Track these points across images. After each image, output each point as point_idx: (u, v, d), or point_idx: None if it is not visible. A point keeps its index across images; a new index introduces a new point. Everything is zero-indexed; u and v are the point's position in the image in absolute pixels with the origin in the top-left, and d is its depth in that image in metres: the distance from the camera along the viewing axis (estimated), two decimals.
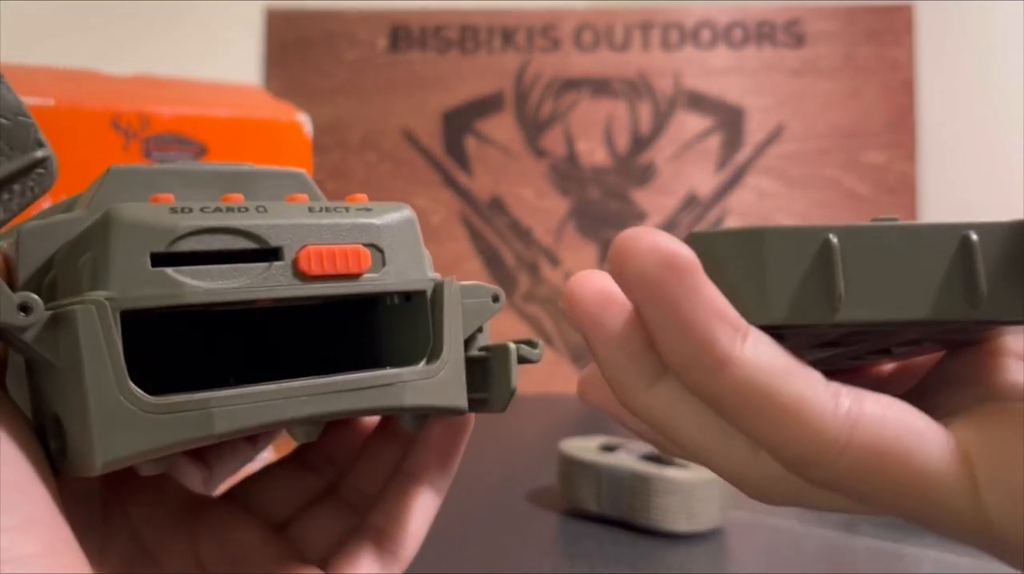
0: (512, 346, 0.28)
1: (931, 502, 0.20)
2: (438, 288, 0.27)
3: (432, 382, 0.26)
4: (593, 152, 1.01)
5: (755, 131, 1.00)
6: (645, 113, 1.01)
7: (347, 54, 1.00)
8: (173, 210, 0.23)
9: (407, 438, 0.31)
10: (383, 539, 0.29)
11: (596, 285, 0.22)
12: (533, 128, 1.00)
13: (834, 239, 0.20)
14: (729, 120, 1.01)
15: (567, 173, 1.00)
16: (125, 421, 0.21)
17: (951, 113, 1.01)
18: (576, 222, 1.00)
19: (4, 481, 0.21)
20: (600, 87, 1.01)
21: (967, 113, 1.00)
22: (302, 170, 0.29)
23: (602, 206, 1.00)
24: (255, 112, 0.56)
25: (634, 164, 1.01)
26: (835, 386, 0.21)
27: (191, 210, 0.23)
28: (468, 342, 0.29)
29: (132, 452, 0.21)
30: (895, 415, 0.20)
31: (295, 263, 0.25)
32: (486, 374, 0.29)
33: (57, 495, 0.22)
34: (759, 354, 0.20)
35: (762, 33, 1.01)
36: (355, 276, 0.26)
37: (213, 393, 0.23)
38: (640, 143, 1.01)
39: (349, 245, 0.26)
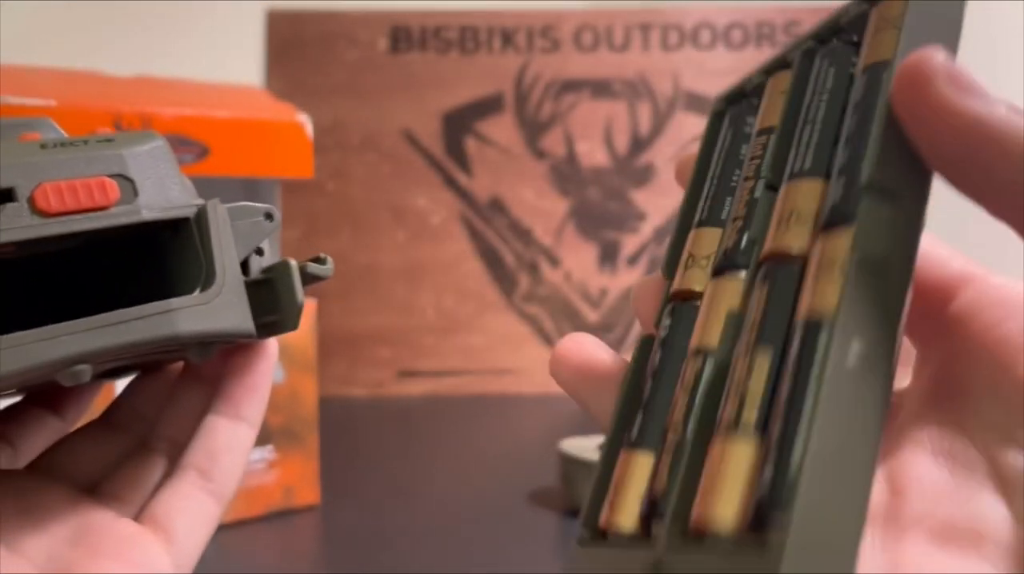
0: (293, 261, 0.27)
1: None
2: (201, 213, 0.26)
3: (208, 308, 0.25)
4: (593, 153, 1.01)
5: None
6: (644, 114, 1.01)
7: (347, 55, 1.00)
8: None
9: (212, 379, 0.30)
10: (198, 478, 0.29)
11: (576, 359, 0.26)
12: (533, 129, 1.01)
13: None
14: None
15: (567, 174, 1.01)
16: None
17: None
18: (576, 223, 1.00)
19: None
20: (600, 88, 1.01)
21: None
22: (47, 118, 0.28)
23: (602, 207, 1.01)
24: (256, 113, 0.56)
25: (633, 165, 1.01)
26: None
27: None
28: (248, 265, 0.28)
29: None
30: None
31: (31, 202, 0.23)
32: (273, 295, 0.28)
33: None
34: None
35: (761, 34, 1.01)
36: (103, 209, 0.24)
37: None
38: (639, 144, 1.01)
39: (92, 178, 0.24)
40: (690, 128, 1.01)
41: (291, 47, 1.00)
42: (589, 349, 0.26)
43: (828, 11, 0.22)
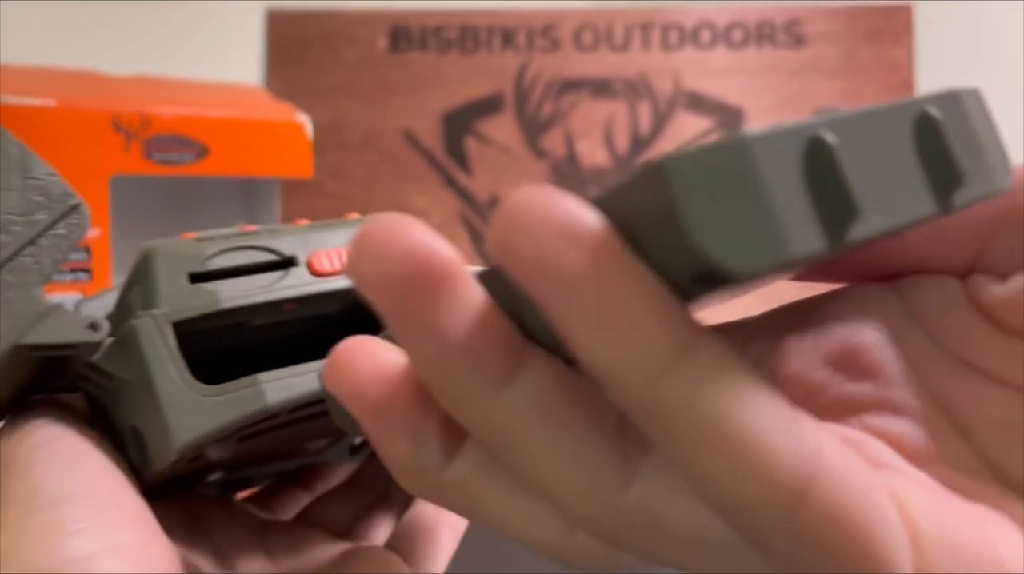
0: None
1: None
2: None
3: None
4: (593, 153, 1.01)
5: None
6: (645, 114, 1.01)
7: (347, 54, 1.00)
8: (199, 239, 0.29)
9: None
10: (431, 506, 0.33)
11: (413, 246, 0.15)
12: (533, 129, 1.01)
13: (830, 137, 0.15)
14: (729, 121, 1.01)
15: (567, 174, 1.01)
16: (192, 407, 0.26)
17: None
18: None
19: (101, 488, 0.24)
20: (600, 88, 1.01)
21: None
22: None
23: None
24: (256, 112, 0.56)
25: (634, 165, 1.01)
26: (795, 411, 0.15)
27: (214, 238, 0.29)
28: None
29: (203, 432, 0.25)
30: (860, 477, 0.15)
31: (309, 265, 0.29)
32: None
33: (145, 501, 0.26)
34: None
35: (762, 34, 1.01)
36: None
37: (262, 374, 0.27)
38: (640, 144, 1.01)
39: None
40: (691, 128, 1.01)
41: (291, 46, 1.00)
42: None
43: (829, 11, 0.22)
